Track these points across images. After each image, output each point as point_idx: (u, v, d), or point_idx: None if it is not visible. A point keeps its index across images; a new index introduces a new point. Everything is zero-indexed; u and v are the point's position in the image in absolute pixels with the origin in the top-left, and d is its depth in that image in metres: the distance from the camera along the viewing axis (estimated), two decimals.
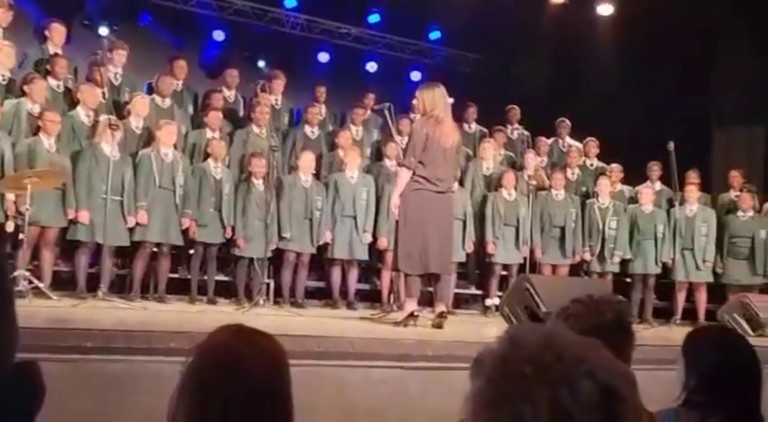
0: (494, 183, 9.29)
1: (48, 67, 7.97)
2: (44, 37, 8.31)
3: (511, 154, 10.20)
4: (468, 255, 9.03)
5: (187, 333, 4.22)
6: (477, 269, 9.45)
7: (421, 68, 12.83)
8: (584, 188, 9.94)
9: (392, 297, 8.36)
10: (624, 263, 9.39)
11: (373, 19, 12.59)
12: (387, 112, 7.38)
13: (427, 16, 12.41)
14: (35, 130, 7.19)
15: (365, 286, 9.16)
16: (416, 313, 6.11)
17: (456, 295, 9.11)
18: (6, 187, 6.69)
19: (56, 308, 5.98)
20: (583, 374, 0.97)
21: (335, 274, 8.57)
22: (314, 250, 8.44)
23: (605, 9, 11.31)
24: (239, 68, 9.85)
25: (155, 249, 7.73)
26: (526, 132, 10.36)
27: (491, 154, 9.50)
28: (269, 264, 8.20)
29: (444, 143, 6.18)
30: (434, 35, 13.01)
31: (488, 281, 9.12)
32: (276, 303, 8.07)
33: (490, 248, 8.98)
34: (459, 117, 9.13)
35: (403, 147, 6.72)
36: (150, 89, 8.93)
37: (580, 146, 10.25)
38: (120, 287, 7.69)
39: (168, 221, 7.65)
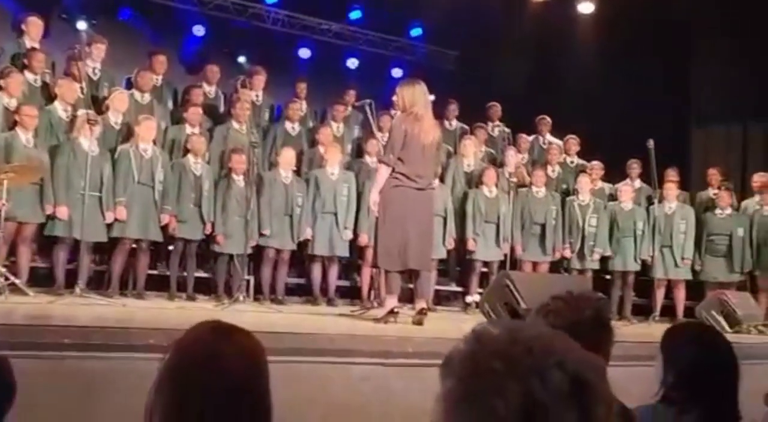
0: (475, 180, 9.30)
1: (25, 61, 7.89)
2: (21, 31, 8.23)
3: (492, 151, 10.22)
4: (448, 252, 9.05)
5: (166, 329, 4.18)
6: (457, 266, 9.47)
7: (403, 65, 12.84)
8: (565, 185, 9.98)
9: (372, 293, 8.36)
10: (603, 260, 9.43)
11: (355, 16, 12.58)
12: (368, 109, 7.36)
13: (409, 13, 12.42)
14: (12, 125, 7.11)
15: (345, 283, 9.15)
16: (396, 310, 6.10)
17: (436, 292, 9.12)
18: None
19: (33, 304, 5.92)
20: (553, 365, 0.98)
21: (316, 271, 8.55)
22: (294, 247, 8.42)
23: (586, 7, 11.36)
24: (219, 64, 9.79)
25: (134, 245, 7.68)
26: (507, 129, 10.40)
27: (472, 151, 9.52)
28: (249, 260, 8.17)
29: (423, 140, 6.17)
30: (416, 32, 13.02)
31: (469, 278, 9.13)
32: (256, 299, 8.05)
33: (471, 245, 8.99)
34: (440, 114, 9.14)
35: (384, 143, 6.71)
36: (129, 84, 8.87)
37: (561, 143, 10.28)
38: (98, 283, 7.62)
39: (147, 217, 7.60)
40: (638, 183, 9.90)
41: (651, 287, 9.15)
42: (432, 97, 6.99)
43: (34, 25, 8.19)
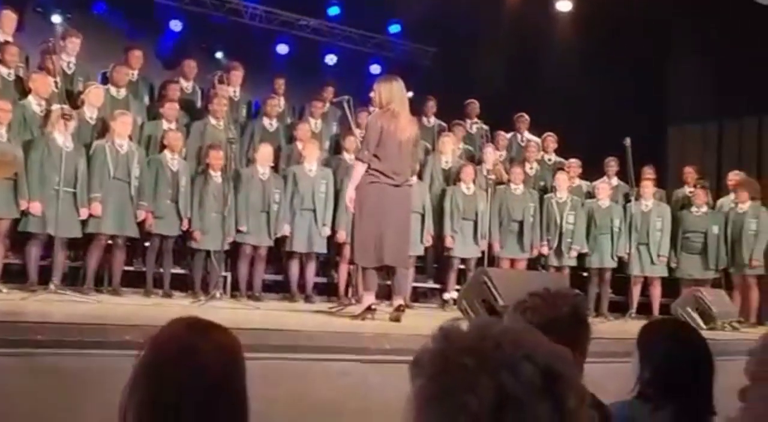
0: (453, 177, 9.32)
1: None
2: None
3: (470, 148, 10.24)
4: (426, 249, 9.05)
5: (142, 326, 4.15)
6: (435, 263, 9.48)
7: (381, 61, 12.84)
8: (542, 183, 10.02)
9: (350, 290, 8.35)
10: (581, 257, 9.48)
11: (333, 12, 12.56)
12: (346, 105, 7.35)
13: (387, 10, 12.40)
14: None
15: (323, 280, 9.13)
16: (374, 307, 6.09)
17: (414, 289, 9.13)
18: None
19: (6, 301, 5.83)
20: (523, 358, 0.99)
21: (293, 267, 8.52)
22: (272, 243, 8.39)
23: (564, 5, 11.43)
24: (197, 59, 9.72)
25: (110, 241, 7.61)
26: (485, 126, 10.42)
27: (450, 148, 9.53)
28: (226, 257, 8.13)
29: (400, 136, 6.16)
30: (394, 29, 13.01)
31: (446, 275, 9.14)
32: (233, 296, 8.01)
33: (449, 242, 9.00)
34: (418, 111, 9.14)
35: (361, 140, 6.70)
36: (105, 79, 8.78)
37: (539, 141, 10.32)
38: (73, 280, 7.55)
39: (123, 213, 7.54)
40: (615, 180, 9.96)
41: (627, 284, 9.21)
42: (410, 94, 6.98)
43: (8, 19, 8.08)
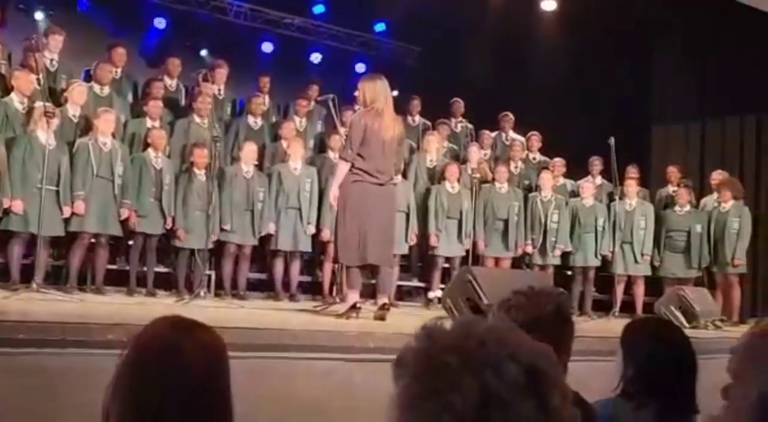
0: (437, 175, 9.32)
1: None
2: None
3: (455, 147, 10.26)
4: (411, 247, 9.05)
5: (125, 325, 4.13)
6: (420, 261, 9.49)
7: (366, 60, 12.82)
8: (527, 181, 10.05)
9: (335, 289, 8.34)
10: (565, 256, 9.52)
11: (318, 10, 12.54)
12: (331, 104, 7.34)
13: (373, 8, 12.39)
14: None
15: (307, 278, 9.11)
16: (358, 305, 6.09)
17: (398, 287, 9.12)
18: None
19: None
20: (507, 356, 0.99)
21: (278, 266, 8.50)
22: (256, 242, 8.36)
23: (549, 5, 11.46)
24: (181, 57, 9.66)
25: (93, 239, 7.57)
26: (470, 125, 10.44)
27: (435, 147, 9.53)
28: (210, 255, 8.11)
29: (384, 135, 6.15)
30: (379, 27, 13.01)
31: (431, 273, 9.15)
32: (217, 295, 7.98)
33: (433, 240, 9.01)
34: (403, 109, 9.14)
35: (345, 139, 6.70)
36: (88, 76, 8.72)
37: (523, 140, 10.35)
38: (56, 278, 7.51)
39: (106, 211, 7.49)
40: (599, 180, 10.01)
41: (611, 283, 9.26)
42: (395, 93, 6.97)
43: None
